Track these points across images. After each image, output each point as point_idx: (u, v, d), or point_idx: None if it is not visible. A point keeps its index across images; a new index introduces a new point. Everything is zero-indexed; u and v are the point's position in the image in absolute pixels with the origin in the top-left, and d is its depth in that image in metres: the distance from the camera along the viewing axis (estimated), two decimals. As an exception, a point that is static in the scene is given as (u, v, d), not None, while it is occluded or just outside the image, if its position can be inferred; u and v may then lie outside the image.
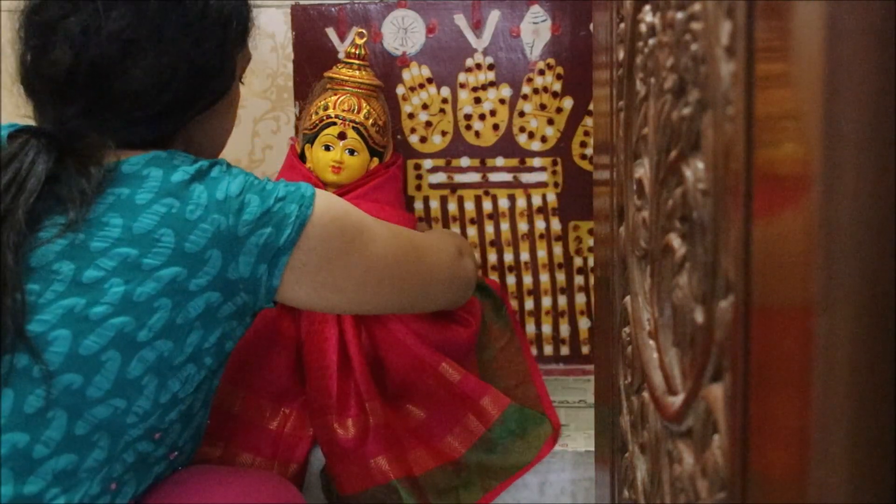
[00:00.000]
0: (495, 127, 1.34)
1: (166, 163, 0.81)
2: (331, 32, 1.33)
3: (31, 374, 0.73)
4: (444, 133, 1.34)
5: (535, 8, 1.31)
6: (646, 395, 0.69)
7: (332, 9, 1.33)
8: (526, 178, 1.34)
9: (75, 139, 0.81)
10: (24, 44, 0.84)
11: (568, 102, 1.32)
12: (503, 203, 1.35)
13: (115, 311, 0.75)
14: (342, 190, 1.20)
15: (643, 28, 0.65)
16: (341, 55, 1.31)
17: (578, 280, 1.35)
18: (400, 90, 1.33)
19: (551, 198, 1.34)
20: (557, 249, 1.34)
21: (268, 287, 0.82)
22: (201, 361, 0.81)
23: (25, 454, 0.72)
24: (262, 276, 0.81)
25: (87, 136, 0.81)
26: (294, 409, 1.11)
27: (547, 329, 1.35)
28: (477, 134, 1.34)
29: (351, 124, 1.20)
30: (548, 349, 1.35)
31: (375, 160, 1.23)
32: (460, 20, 1.32)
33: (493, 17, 1.32)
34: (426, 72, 1.33)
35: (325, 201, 0.86)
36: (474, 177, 1.35)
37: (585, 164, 1.32)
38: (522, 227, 1.35)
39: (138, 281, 0.76)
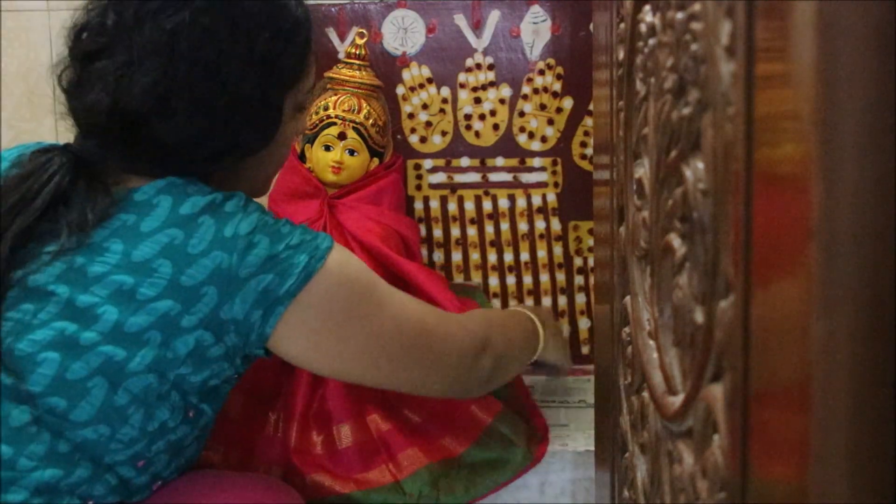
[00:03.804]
0: (495, 127, 1.34)
1: (179, 191, 0.78)
2: (331, 32, 1.33)
3: (18, 390, 0.73)
4: (444, 133, 1.34)
5: (535, 8, 1.31)
6: (646, 395, 0.69)
7: (332, 9, 1.33)
8: (526, 178, 1.34)
9: (95, 162, 0.79)
10: (65, 65, 0.81)
11: (568, 102, 1.32)
12: (503, 203, 1.35)
13: (104, 339, 0.73)
14: (342, 190, 1.20)
15: (643, 28, 0.65)
16: (341, 55, 1.31)
17: (578, 280, 1.35)
18: (400, 90, 1.33)
19: (551, 198, 1.34)
20: (557, 249, 1.34)
21: (259, 334, 0.79)
22: (187, 396, 0.79)
23: (10, 465, 0.72)
24: (256, 322, 0.78)
25: (106, 162, 0.80)
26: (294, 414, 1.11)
27: (547, 329, 1.35)
28: (477, 134, 1.34)
29: (351, 124, 1.20)
30: (548, 349, 1.35)
31: (375, 160, 1.23)
32: (460, 20, 1.32)
33: (493, 17, 1.32)
34: (426, 72, 1.33)
35: (340, 259, 0.81)
36: (474, 177, 1.35)
37: (585, 164, 1.32)
38: (522, 227, 1.35)
39: (131, 311, 0.74)
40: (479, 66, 1.33)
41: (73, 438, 0.74)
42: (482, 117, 1.34)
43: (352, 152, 1.20)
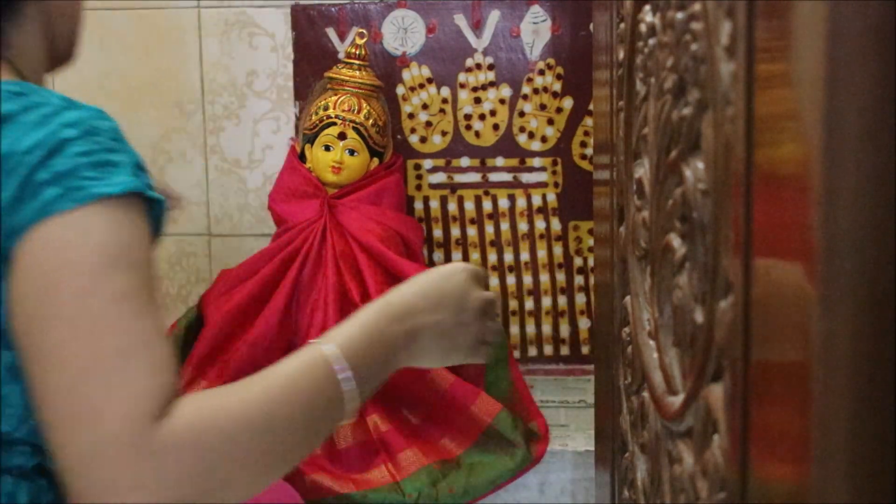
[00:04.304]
0: (495, 127, 1.34)
1: None
2: (331, 32, 1.33)
3: None
4: (444, 133, 1.34)
5: (535, 8, 1.31)
6: (646, 395, 0.69)
7: (332, 9, 1.33)
8: (526, 178, 1.34)
9: None
10: None
11: (568, 102, 1.32)
12: (503, 203, 1.35)
13: None
14: (343, 190, 1.21)
15: (643, 28, 0.65)
16: (341, 55, 1.31)
17: (578, 280, 1.35)
18: (400, 90, 1.33)
19: (551, 198, 1.34)
20: (557, 249, 1.34)
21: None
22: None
23: None
24: None
25: None
26: None
27: (547, 329, 1.35)
28: (477, 134, 1.34)
29: (351, 124, 1.20)
30: (548, 349, 1.35)
31: (375, 160, 1.23)
32: (460, 20, 1.32)
33: (493, 17, 1.32)
34: (426, 72, 1.33)
35: (103, 219, 0.59)
36: (474, 177, 1.35)
37: (585, 164, 1.33)
38: (522, 227, 1.35)
39: None
40: (479, 66, 1.33)
41: None
42: (482, 117, 1.34)
43: (352, 152, 1.20)
